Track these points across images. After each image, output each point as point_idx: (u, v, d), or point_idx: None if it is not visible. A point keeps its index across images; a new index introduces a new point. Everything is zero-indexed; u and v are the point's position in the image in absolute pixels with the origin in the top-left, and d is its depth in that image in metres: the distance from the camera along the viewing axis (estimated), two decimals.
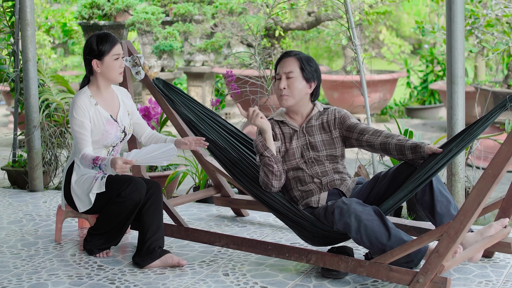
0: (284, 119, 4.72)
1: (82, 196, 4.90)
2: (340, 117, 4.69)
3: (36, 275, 4.62)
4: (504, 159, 3.79)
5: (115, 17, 9.23)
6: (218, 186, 5.82)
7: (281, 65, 4.68)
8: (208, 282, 4.44)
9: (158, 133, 5.17)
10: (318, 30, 12.10)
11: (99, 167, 4.64)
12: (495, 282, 4.31)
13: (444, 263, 3.93)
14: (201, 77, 11.80)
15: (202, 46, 10.85)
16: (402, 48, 15.67)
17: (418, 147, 4.38)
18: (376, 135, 4.54)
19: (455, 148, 4.16)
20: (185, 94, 5.29)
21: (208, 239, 4.91)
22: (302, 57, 4.67)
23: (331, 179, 4.65)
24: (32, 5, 6.63)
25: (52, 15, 12.90)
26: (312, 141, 4.68)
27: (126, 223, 4.87)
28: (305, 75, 4.63)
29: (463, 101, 5.22)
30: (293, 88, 4.61)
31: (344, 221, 4.23)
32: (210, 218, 5.81)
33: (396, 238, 4.16)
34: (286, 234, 5.32)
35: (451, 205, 4.40)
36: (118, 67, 4.93)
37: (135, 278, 4.54)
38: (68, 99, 7.07)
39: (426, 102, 13.62)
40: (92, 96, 4.93)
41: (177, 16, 10.48)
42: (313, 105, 4.75)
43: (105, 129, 4.90)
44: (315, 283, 4.39)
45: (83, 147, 4.78)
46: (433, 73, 13.63)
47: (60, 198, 6.49)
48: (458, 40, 5.14)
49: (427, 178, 4.22)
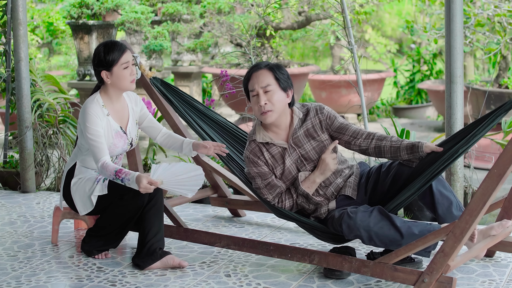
0: (269, 140, 4.51)
1: (84, 198, 4.83)
2: (326, 118, 4.51)
3: (35, 277, 4.57)
4: (510, 158, 3.77)
5: (104, 16, 9.17)
6: (215, 187, 5.78)
7: (253, 80, 4.45)
8: (211, 284, 4.41)
9: (174, 134, 5.07)
10: (305, 30, 12.07)
11: (121, 180, 4.50)
12: (499, 282, 4.30)
13: (449, 262, 3.92)
14: (189, 77, 11.75)
15: (191, 46, 10.80)
16: (387, 48, 15.69)
17: (415, 146, 4.33)
18: (369, 138, 4.44)
19: (461, 148, 4.13)
20: (183, 93, 5.25)
21: (209, 240, 4.87)
22: (273, 66, 4.47)
23: (335, 187, 4.55)
24: (25, 4, 6.57)
25: (37, 15, 12.81)
26: (303, 153, 4.51)
27: (127, 226, 4.82)
28: (282, 84, 4.44)
29: (461, 100, 5.22)
30: (274, 102, 4.41)
31: (354, 234, 4.24)
32: (207, 219, 5.78)
33: (409, 234, 4.16)
34: (285, 235, 5.29)
35: (453, 205, 4.37)
36: (129, 75, 4.78)
37: (136, 280, 4.50)
38: (60, 99, 7.01)
39: (413, 101, 13.64)
40: (104, 106, 4.80)
41: (165, 16, 10.43)
42: (292, 113, 4.58)
43: (113, 142, 4.80)
44: (318, 283, 4.37)
45: (101, 156, 4.64)
46: (420, 72, 13.66)
47: (54, 199, 6.43)
48: (457, 39, 5.13)
49: (433, 177, 4.18)
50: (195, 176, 4.60)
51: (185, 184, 4.56)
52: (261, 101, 4.40)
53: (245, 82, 4.51)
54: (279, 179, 4.54)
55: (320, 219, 4.54)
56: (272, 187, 4.53)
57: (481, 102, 8.51)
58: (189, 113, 5.21)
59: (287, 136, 4.52)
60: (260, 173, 4.52)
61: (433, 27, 8.20)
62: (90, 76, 9.42)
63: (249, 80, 4.48)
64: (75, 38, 9.27)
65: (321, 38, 12.50)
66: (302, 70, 10.56)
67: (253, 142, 4.55)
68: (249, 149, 4.56)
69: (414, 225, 4.20)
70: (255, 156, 4.52)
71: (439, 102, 11.20)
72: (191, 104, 5.24)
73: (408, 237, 4.17)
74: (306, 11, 10.04)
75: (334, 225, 4.35)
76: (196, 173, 4.61)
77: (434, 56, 13.41)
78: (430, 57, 13.49)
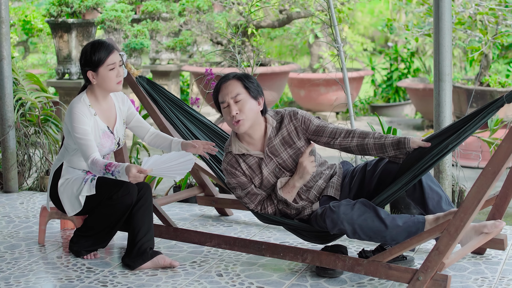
0: (245, 152, 4.48)
1: (72, 198, 4.78)
2: (301, 123, 4.45)
3: (24, 278, 4.51)
4: (504, 156, 3.79)
5: (84, 14, 9.08)
6: (202, 185, 5.75)
7: (223, 92, 4.41)
8: (203, 283, 4.38)
9: (162, 133, 5.03)
10: (283, 28, 12.07)
11: (111, 173, 4.47)
12: (491, 279, 4.31)
13: (444, 260, 3.93)
14: (167, 76, 11.69)
15: (170, 44, 10.75)
16: (364, 46, 15.72)
17: (401, 142, 4.27)
18: (349, 136, 4.38)
19: (451, 143, 4.11)
20: (168, 93, 5.24)
21: (199, 239, 4.84)
22: (241, 76, 4.43)
23: (317, 189, 4.54)
24: (7, 2, 6.49)
25: (14, 13, 12.67)
26: (280, 162, 4.48)
27: (115, 226, 4.77)
28: (252, 93, 4.40)
29: (450, 98, 5.23)
30: (245, 110, 4.36)
31: (338, 227, 4.22)
32: (194, 218, 5.74)
33: (393, 226, 4.15)
34: (274, 233, 5.28)
35: (442, 200, 4.36)
36: (115, 76, 4.73)
37: (127, 280, 4.46)
38: (42, 98, 6.94)
39: (390, 99, 13.68)
40: (91, 106, 4.76)
41: (145, 14, 10.37)
42: (265, 122, 4.52)
43: (100, 142, 4.75)
44: (311, 282, 4.36)
45: (90, 153, 4.59)
46: (398, 71, 13.70)
47: (38, 199, 6.36)
48: (446, 37, 5.14)
49: (421, 172, 4.16)
50: (185, 161, 4.56)
51: (174, 169, 4.54)
52: (232, 111, 4.36)
53: (215, 95, 4.47)
54: (258, 188, 4.53)
55: (303, 220, 4.53)
56: (253, 195, 4.53)
57: (463, 100, 8.55)
58: (175, 112, 5.19)
59: (263, 145, 4.49)
60: (239, 183, 4.52)
61: (414, 25, 8.22)
62: (70, 75, 9.34)
63: (219, 92, 4.44)
64: (54, 37, 9.18)
65: (299, 36, 12.49)
66: (283, 69, 10.54)
67: (229, 153, 4.53)
68: (226, 161, 4.54)
69: (398, 216, 4.20)
70: (233, 168, 4.51)
71: (418, 100, 11.24)
72: (177, 103, 5.22)
73: (392, 229, 4.15)
74: (287, 9, 10.02)
75: (318, 221, 4.32)
76: (185, 159, 4.57)
77: (412, 55, 13.45)
78: (407, 56, 13.52)
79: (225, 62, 10.48)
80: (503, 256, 4.68)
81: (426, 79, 11.69)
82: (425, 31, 8.10)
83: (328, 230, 4.28)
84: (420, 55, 13.49)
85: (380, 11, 18.87)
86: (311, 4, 9.47)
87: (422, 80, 11.77)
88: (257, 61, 6.46)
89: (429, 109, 10.85)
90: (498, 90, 8.47)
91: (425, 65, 13.40)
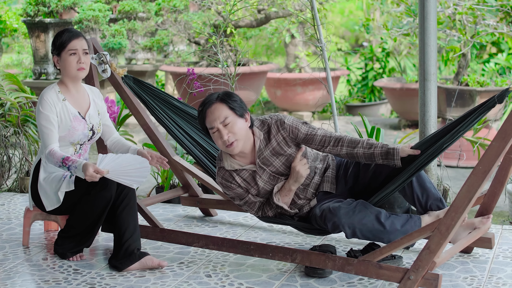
0: (238, 167, 4.49)
1: (51, 194, 4.76)
2: (289, 133, 4.42)
3: (10, 280, 4.46)
4: (495, 155, 3.81)
5: (61, 14, 8.98)
6: (186, 186, 5.72)
7: (209, 118, 4.36)
8: (192, 284, 4.35)
9: (123, 140, 5.06)
10: (259, 28, 12.06)
11: (68, 167, 4.51)
12: (480, 278, 4.33)
13: (435, 259, 3.94)
14: (143, 75, 11.62)
15: (147, 44, 10.70)
16: (338, 46, 15.76)
17: (390, 154, 4.26)
18: (338, 145, 4.36)
19: (446, 143, 4.12)
20: (157, 89, 5.20)
21: (186, 240, 4.81)
22: (223, 97, 4.37)
23: (314, 186, 4.55)
24: None
25: None
26: (274, 170, 4.48)
27: (97, 223, 4.73)
28: (238, 112, 4.36)
29: (435, 97, 5.25)
30: (236, 131, 4.34)
31: (339, 230, 4.26)
32: (178, 219, 5.71)
33: (392, 230, 4.20)
34: (260, 233, 5.26)
35: (434, 198, 4.38)
36: (75, 62, 4.79)
37: (116, 282, 4.42)
38: (21, 98, 6.87)
39: (366, 99, 13.72)
40: (60, 92, 4.82)
41: (121, 14, 10.30)
42: (253, 135, 4.47)
43: (71, 125, 4.76)
44: (301, 282, 4.35)
45: (50, 142, 4.67)
46: (373, 70, 13.74)
47: (19, 200, 6.29)
48: (431, 37, 5.16)
49: (417, 171, 4.18)
50: (141, 168, 4.64)
51: (131, 175, 4.60)
52: (223, 136, 4.33)
53: (201, 121, 4.43)
54: (256, 196, 4.55)
55: (303, 217, 4.54)
56: (251, 203, 4.55)
57: (442, 99, 8.59)
58: (164, 109, 5.18)
59: (254, 158, 4.49)
60: (236, 194, 4.54)
61: (393, 25, 8.24)
62: (46, 75, 9.24)
63: (205, 119, 4.39)
64: (31, 36, 9.08)
65: (275, 36, 12.49)
66: (262, 68, 10.52)
67: (222, 168, 4.53)
68: (220, 175, 4.54)
69: (397, 219, 4.23)
70: (228, 181, 4.52)
71: (395, 100, 11.27)
72: (166, 100, 5.20)
73: (391, 232, 4.20)
74: (266, 9, 10.01)
75: (318, 222, 4.35)
76: (142, 166, 4.64)
77: (388, 55, 13.50)
78: (383, 55, 13.56)
79: (204, 62, 10.45)
80: (490, 254, 4.70)
81: (403, 78, 11.73)
82: (404, 31, 8.12)
83: (329, 231, 4.32)
84: (395, 55, 13.54)
85: (351, 11, 18.92)
86: (289, 4, 9.46)
87: (399, 79, 11.81)
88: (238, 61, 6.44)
89: (406, 109, 10.88)
90: (477, 90, 8.52)
91: (400, 65, 13.45)
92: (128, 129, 10.25)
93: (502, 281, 4.27)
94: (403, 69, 13.46)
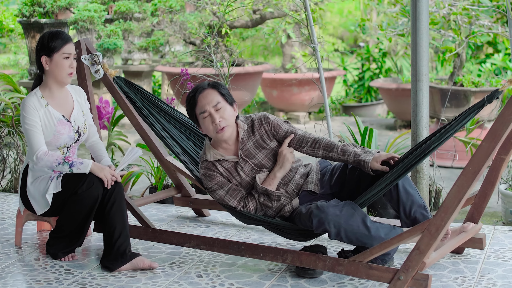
0: (220, 157, 4.52)
1: (39, 197, 4.75)
2: (271, 128, 4.53)
3: (2, 281, 4.47)
4: (485, 155, 3.82)
5: (56, 15, 9.00)
6: (179, 186, 5.72)
7: (202, 102, 4.43)
8: (183, 285, 4.36)
9: (100, 146, 5.06)
10: (255, 29, 12.06)
11: (70, 164, 4.57)
12: (471, 278, 4.34)
13: (425, 260, 3.94)
14: (139, 76, 11.63)
15: (143, 44, 10.70)
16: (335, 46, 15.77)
17: (361, 165, 4.32)
18: (315, 147, 4.46)
19: (433, 144, 4.13)
20: (146, 92, 5.20)
21: (178, 240, 4.82)
22: (215, 84, 4.48)
23: (295, 184, 4.56)
24: None
25: None
26: (256, 162, 4.53)
27: (86, 222, 4.73)
28: (228, 99, 4.47)
29: (427, 98, 5.26)
30: (226, 117, 4.43)
31: (323, 228, 4.22)
32: (171, 219, 5.71)
33: (376, 236, 4.19)
34: (252, 234, 5.27)
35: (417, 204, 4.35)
36: (68, 67, 4.75)
37: (107, 282, 4.42)
38: (16, 99, 6.87)
39: (362, 99, 13.72)
40: (42, 97, 4.77)
41: (117, 14, 10.31)
42: (237, 126, 4.57)
43: (56, 130, 4.74)
44: (292, 282, 4.35)
45: (40, 145, 4.66)
46: (370, 71, 13.74)
47: (13, 200, 6.29)
48: (423, 37, 5.17)
49: (403, 173, 4.17)
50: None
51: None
52: (215, 119, 4.40)
53: (192, 107, 4.47)
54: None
55: (285, 217, 4.53)
56: (234, 191, 4.53)
57: (437, 100, 8.59)
58: (153, 113, 5.17)
59: (236, 149, 4.54)
60: (218, 183, 4.53)
61: (388, 25, 8.25)
62: None
63: (197, 104, 4.45)
64: (27, 37, 9.09)
65: (272, 36, 12.49)
66: (257, 69, 10.53)
67: (205, 161, 4.56)
68: (203, 167, 4.57)
69: (381, 226, 4.24)
70: (210, 171, 4.53)
71: (390, 100, 11.27)
72: (155, 103, 5.20)
73: (375, 239, 4.20)
74: (261, 10, 10.02)
75: (302, 220, 4.32)
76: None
77: (384, 55, 13.50)
78: (379, 56, 13.57)
79: (199, 62, 10.45)
80: (481, 255, 4.71)
81: (399, 79, 11.73)
82: (398, 31, 8.13)
83: (312, 229, 4.28)
84: (391, 55, 13.54)
85: (349, 11, 18.93)
86: (284, 5, 9.47)
87: (394, 80, 11.81)
88: (232, 61, 6.44)
89: (402, 109, 10.89)
90: (472, 90, 8.52)
91: (396, 65, 13.46)
92: (123, 129, 10.26)
93: (493, 282, 4.28)
94: (399, 69, 13.46)
